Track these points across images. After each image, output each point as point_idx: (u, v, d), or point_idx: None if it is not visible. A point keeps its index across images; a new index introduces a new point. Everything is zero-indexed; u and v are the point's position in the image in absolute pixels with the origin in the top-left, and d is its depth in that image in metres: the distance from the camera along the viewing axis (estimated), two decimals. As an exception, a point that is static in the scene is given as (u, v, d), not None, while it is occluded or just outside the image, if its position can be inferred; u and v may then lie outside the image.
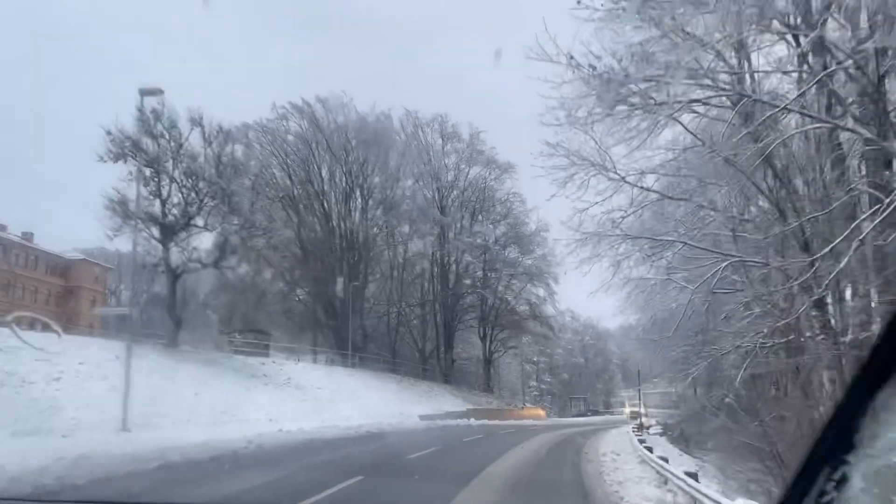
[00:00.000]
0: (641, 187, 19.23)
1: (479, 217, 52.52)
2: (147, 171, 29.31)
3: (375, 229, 46.94)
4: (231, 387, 24.20)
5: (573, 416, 68.69)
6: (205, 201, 29.69)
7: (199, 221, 30.79)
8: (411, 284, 52.22)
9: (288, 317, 44.90)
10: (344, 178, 44.55)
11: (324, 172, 44.59)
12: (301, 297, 46.49)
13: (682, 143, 18.54)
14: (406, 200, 48.30)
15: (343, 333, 43.60)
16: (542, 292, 55.37)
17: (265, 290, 43.69)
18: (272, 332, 41.35)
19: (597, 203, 19.50)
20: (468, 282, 54.47)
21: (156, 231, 29.71)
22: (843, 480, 1.48)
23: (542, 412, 57.76)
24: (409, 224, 48.08)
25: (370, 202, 46.34)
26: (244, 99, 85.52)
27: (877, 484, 1.45)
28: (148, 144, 29.22)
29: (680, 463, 16.44)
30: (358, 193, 45.86)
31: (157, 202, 29.74)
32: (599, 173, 19.18)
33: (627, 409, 72.62)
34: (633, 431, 29.62)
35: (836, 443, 1.51)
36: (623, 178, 19.07)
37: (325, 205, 44.71)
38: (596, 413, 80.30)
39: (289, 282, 44.78)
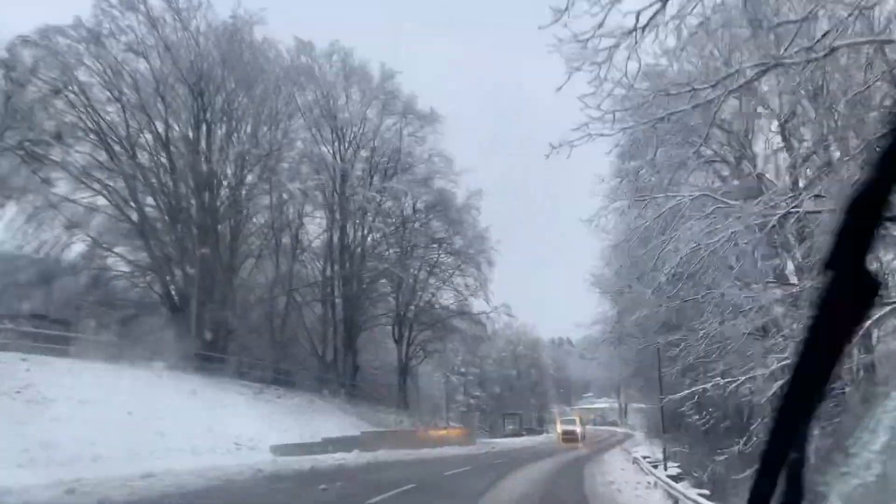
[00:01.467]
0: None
1: (394, 180, 40.51)
2: None
3: (249, 181, 33.91)
4: None
5: (506, 437, 57.63)
6: None
7: None
8: (302, 265, 39.60)
9: (114, 302, 31.58)
10: (195, 107, 31.30)
11: (171, 99, 31.27)
12: (136, 274, 33.10)
13: None
14: (294, 144, 35.67)
15: (197, 326, 30.86)
16: (472, 281, 43.87)
17: (73, 263, 30.38)
18: (77, 321, 27.97)
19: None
20: (378, 264, 42.28)
21: None
22: (821, 500, 1.41)
23: (463, 432, 45.44)
24: (297, 180, 35.45)
25: (238, 143, 33.26)
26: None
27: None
28: None
29: None
30: (220, 131, 32.85)
31: None
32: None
33: (559, 428, 60.62)
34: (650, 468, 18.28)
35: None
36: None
37: (171, 145, 31.45)
38: (531, 432, 69.90)
39: (111, 251, 31.45)
